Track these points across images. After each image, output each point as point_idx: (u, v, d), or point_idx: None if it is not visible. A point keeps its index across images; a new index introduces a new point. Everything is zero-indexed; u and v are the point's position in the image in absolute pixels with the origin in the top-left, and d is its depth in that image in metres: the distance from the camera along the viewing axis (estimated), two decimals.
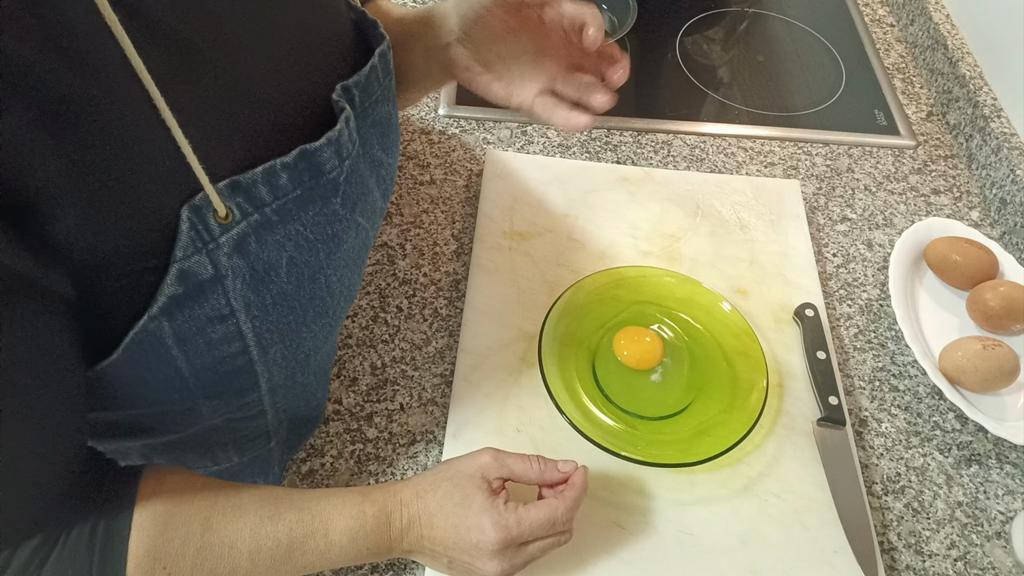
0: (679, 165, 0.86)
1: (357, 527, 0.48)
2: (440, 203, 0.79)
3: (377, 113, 0.49)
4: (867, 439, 0.65)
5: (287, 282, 0.42)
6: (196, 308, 0.39)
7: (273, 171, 0.39)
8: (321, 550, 0.47)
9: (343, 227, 0.45)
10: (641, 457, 0.58)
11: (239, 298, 0.40)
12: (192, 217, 0.36)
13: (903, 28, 1.06)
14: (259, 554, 0.44)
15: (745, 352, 0.66)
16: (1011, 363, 0.66)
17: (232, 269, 0.39)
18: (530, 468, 0.52)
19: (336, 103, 0.44)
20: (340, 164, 0.44)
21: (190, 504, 0.44)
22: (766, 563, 0.57)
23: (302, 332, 0.45)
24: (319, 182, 0.42)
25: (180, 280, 0.37)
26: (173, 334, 0.39)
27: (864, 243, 0.80)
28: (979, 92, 0.89)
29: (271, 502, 0.46)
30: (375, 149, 0.50)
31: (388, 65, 0.50)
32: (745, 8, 1.08)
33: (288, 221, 0.41)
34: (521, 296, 0.71)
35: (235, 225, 0.38)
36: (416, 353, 0.68)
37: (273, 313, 0.42)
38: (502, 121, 0.89)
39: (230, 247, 0.38)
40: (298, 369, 0.48)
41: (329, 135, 0.42)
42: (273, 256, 0.41)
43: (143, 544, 0.41)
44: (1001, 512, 0.62)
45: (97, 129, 0.32)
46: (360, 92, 0.46)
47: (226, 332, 0.41)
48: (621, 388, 0.64)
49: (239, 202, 0.38)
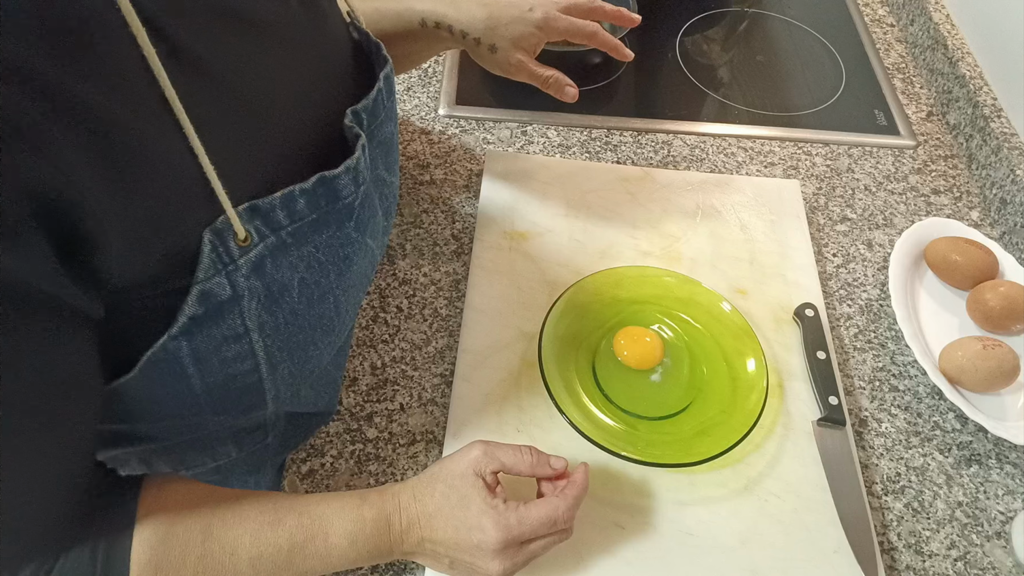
0: (679, 165, 0.86)
1: (357, 530, 0.48)
2: (440, 203, 0.79)
3: (382, 134, 0.51)
4: (867, 439, 0.65)
5: (298, 302, 0.43)
6: (214, 328, 0.39)
7: (292, 196, 0.40)
8: (322, 554, 0.47)
9: (354, 249, 0.46)
10: (641, 457, 0.58)
11: (254, 318, 0.41)
12: (214, 240, 0.37)
13: (903, 28, 1.06)
14: (260, 560, 0.45)
15: (745, 352, 0.66)
16: (1011, 363, 0.66)
17: (249, 290, 0.40)
18: (521, 459, 0.52)
19: (350, 129, 0.45)
20: (356, 190, 0.45)
21: (190, 513, 0.44)
22: (766, 563, 0.57)
23: (309, 350, 0.46)
24: (335, 207, 0.43)
25: (201, 301, 0.38)
26: (191, 353, 0.39)
27: (864, 243, 0.80)
28: (979, 92, 0.89)
29: (271, 508, 0.47)
30: (379, 169, 0.51)
31: (392, 87, 0.51)
32: (745, 8, 1.08)
33: (302, 244, 0.42)
34: (521, 296, 0.71)
35: (253, 248, 0.39)
36: (416, 353, 0.68)
37: (284, 332, 0.43)
38: (502, 121, 0.89)
39: (248, 268, 0.39)
40: (303, 384, 0.49)
41: (348, 163, 0.43)
42: (287, 277, 0.41)
43: (144, 554, 0.41)
44: (1001, 512, 0.62)
45: (135, 156, 0.33)
46: (368, 115, 0.47)
47: (240, 351, 0.41)
48: (621, 388, 0.64)
49: (257, 225, 0.39)
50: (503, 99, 0.91)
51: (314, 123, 0.44)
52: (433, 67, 0.94)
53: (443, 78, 0.93)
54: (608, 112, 0.91)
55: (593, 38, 0.66)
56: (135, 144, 0.33)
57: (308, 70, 0.44)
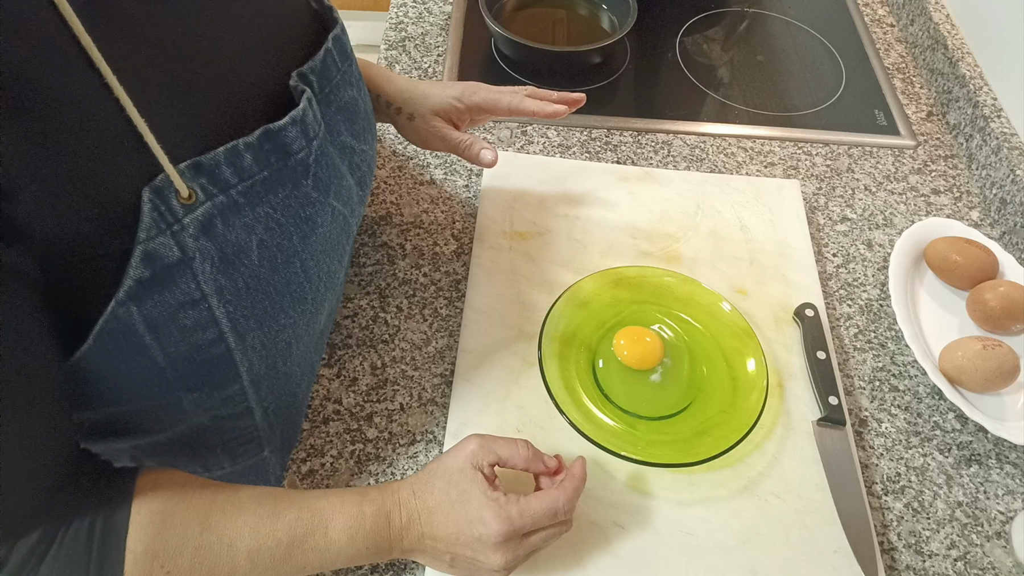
0: (679, 165, 0.86)
1: (356, 526, 0.48)
2: (440, 203, 0.79)
3: (340, 98, 0.49)
4: (867, 439, 0.65)
5: (260, 266, 0.42)
6: (165, 293, 0.39)
7: (236, 151, 0.40)
8: (321, 549, 0.47)
9: (316, 210, 0.45)
10: (641, 457, 0.58)
11: (209, 282, 0.40)
12: (154, 198, 0.37)
13: (903, 28, 1.06)
14: (258, 553, 0.44)
15: (745, 352, 0.66)
16: (1011, 363, 0.66)
17: (200, 251, 0.39)
18: (516, 453, 0.52)
19: (295, 88, 0.44)
20: (308, 144, 0.44)
21: (188, 502, 0.43)
22: (766, 563, 0.57)
23: (280, 318, 0.45)
24: (287, 163, 0.43)
25: (145, 263, 0.37)
26: (144, 321, 0.39)
27: (864, 243, 0.80)
28: (979, 92, 0.89)
29: (270, 501, 0.46)
30: (343, 135, 0.50)
31: (344, 49, 0.50)
32: (745, 8, 1.08)
33: (256, 204, 0.41)
34: (521, 296, 0.71)
35: (199, 206, 0.39)
36: (416, 353, 0.68)
37: (247, 298, 0.42)
38: (502, 121, 0.89)
39: (196, 229, 0.39)
40: (279, 358, 0.48)
41: (293, 114, 0.43)
42: (242, 239, 0.41)
43: (141, 542, 0.41)
44: (1001, 512, 0.62)
45: (51, 109, 0.33)
46: (318, 77, 0.47)
47: (199, 318, 0.41)
48: (621, 388, 0.64)
49: (203, 183, 0.39)
50: None
51: (261, 83, 0.43)
52: (433, 67, 0.94)
53: (443, 78, 0.93)
54: (608, 112, 0.91)
55: (516, 111, 0.69)
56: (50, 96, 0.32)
57: (256, 29, 0.44)
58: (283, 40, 0.46)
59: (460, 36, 0.98)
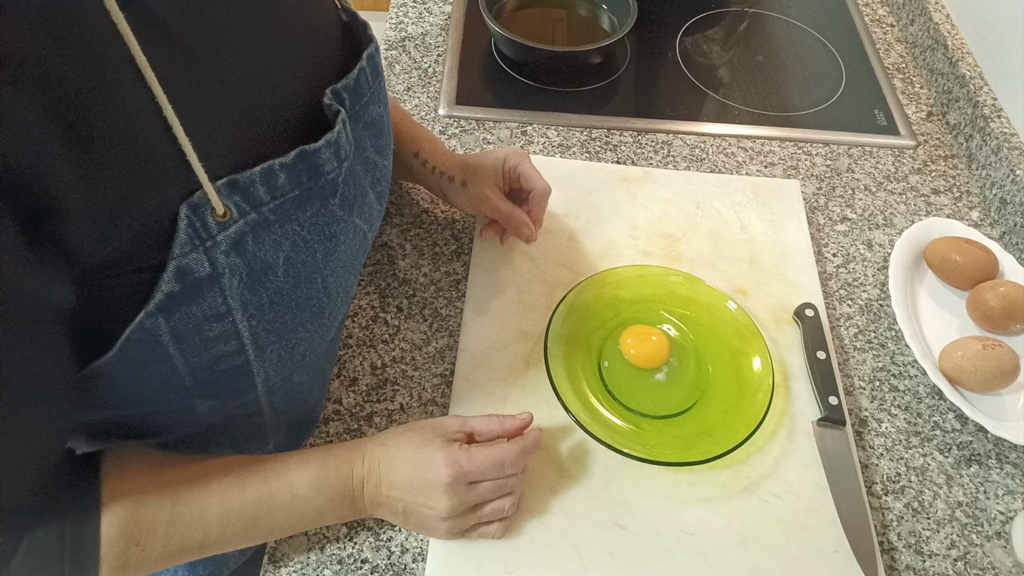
0: (679, 165, 0.86)
1: (321, 478, 0.49)
2: (440, 203, 0.79)
3: (368, 115, 0.50)
4: (867, 439, 0.65)
5: (284, 281, 0.43)
6: (193, 306, 0.39)
7: (271, 171, 0.40)
8: (288, 505, 0.48)
9: (341, 228, 0.46)
10: (647, 456, 0.58)
11: (236, 297, 0.40)
12: (191, 215, 0.37)
13: (903, 28, 1.06)
14: (227, 516, 0.46)
15: (750, 352, 0.66)
16: (1011, 363, 0.66)
17: (229, 267, 0.39)
18: (489, 422, 0.55)
19: (328, 106, 0.45)
20: (339, 165, 0.44)
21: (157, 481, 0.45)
22: (766, 563, 0.57)
23: (298, 332, 0.46)
24: (317, 183, 0.43)
25: (177, 277, 0.38)
26: (170, 332, 0.39)
27: (864, 243, 0.80)
28: (979, 92, 0.89)
29: (236, 468, 0.48)
30: (368, 151, 0.51)
31: (377, 67, 0.51)
32: (745, 8, 1.08)
33: (286, 221, 0.42)
34: (521, 296, 0.71)
35: (232, 224, 0.39)
36: (416, 353, 0.68)
37: (270, 312, 0.43)
38: (502, 121, 0.89)
39: (227, 245, 0.39)
40: (294, 369, 0.49)
41: (328, 137, 0.43)
42: (270, 255, 0.41)
43: (115, 527, 0.42)
44: (1001, 512, 0.62)
45: (102, 128, 0.33)
46: (350, 95, 0.47)
47: (223, 330, 0.41)
48: (626, 387, 0.64)
49: (237, 201, 0.39)
50: (503, 99, 0.91)
51: (296, 100, 0.44)
52: (433, 67, 0.94)
53: (443, 78, 0.93)
54: (608, 112, 0.91)
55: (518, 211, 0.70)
56: (103, 116, 0.32)
57: (291, 46, 0.44)
58: (317, 56, 0.46)
59: (460, 36, 0.98)
